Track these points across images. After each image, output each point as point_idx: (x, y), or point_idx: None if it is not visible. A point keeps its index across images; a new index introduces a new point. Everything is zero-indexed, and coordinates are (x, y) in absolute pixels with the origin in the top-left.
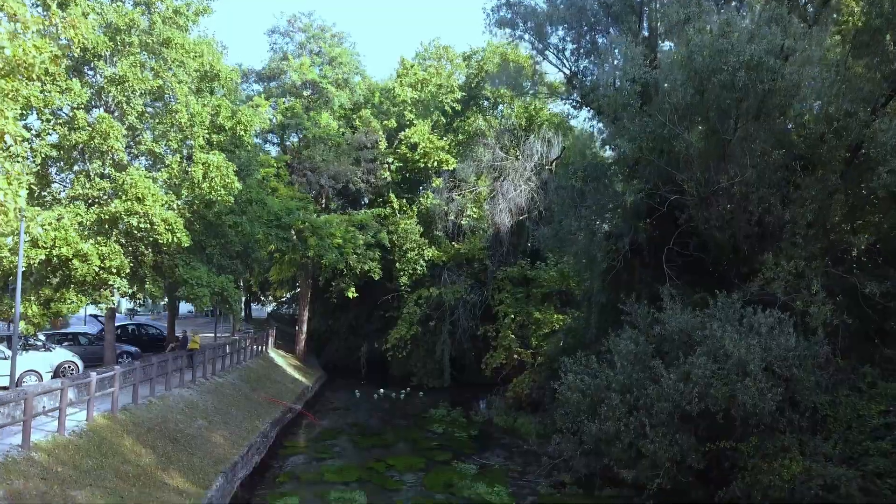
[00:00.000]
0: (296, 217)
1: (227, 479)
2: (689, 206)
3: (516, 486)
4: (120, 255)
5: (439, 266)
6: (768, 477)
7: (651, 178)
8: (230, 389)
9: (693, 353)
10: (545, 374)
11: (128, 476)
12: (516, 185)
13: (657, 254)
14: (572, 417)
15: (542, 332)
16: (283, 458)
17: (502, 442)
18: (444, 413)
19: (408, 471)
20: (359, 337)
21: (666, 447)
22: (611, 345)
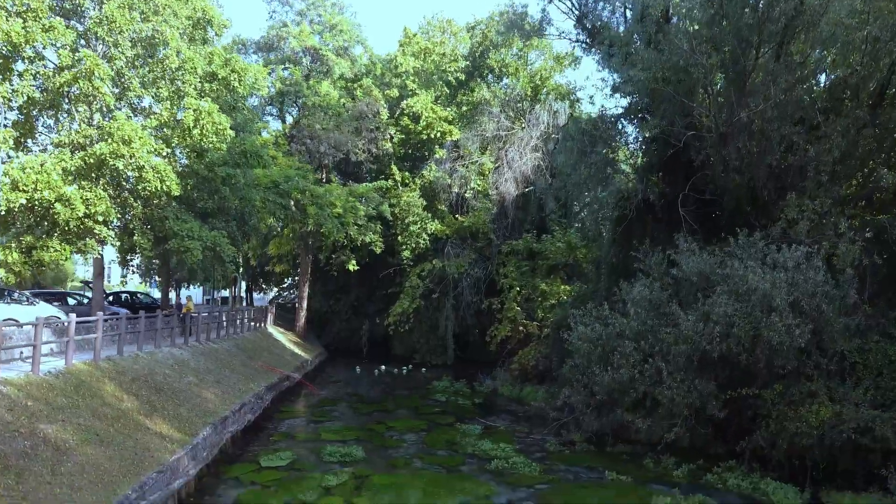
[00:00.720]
0: (294, 184)
1: (215, 430)
2: (705, 146)
3: (523, 444)
4: (105, 202)
5: (442, 240)
6: (795, 424)
7: (666, 114)
8: (224, 355)
9: (712, 294)
10: (552, 344)
11: (105, 416)
12: (522, 154)
13: (670, 209)
14: (583, 369)
15: (548, 304)
16: (278, 421)
17: (508, 409)
18: (447, 385)
19: (408, 432)
20: (360, 317)
21: (684, 393)
22: (623, 293)
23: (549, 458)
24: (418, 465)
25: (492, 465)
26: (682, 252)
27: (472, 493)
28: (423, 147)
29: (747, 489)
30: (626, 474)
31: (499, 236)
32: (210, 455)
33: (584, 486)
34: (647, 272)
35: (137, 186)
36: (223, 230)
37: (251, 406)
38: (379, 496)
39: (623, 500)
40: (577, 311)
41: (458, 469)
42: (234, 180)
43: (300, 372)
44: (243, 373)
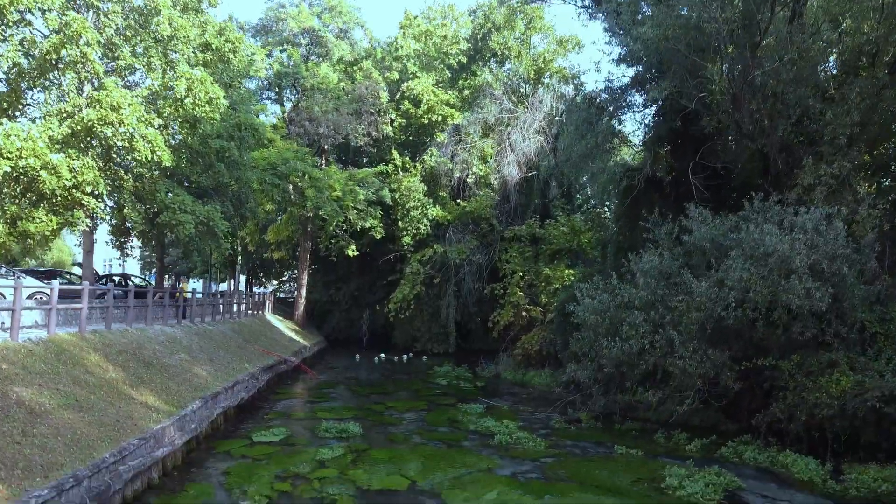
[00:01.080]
0: (292, 167)
1: (205, 404)
2: (716, 113)
3: (527, 421)
4: (94, 171)
5: (444, 226)
6: (814, 394)
7: (676, 75)
8: (219, 336)
9: (725, 262)
10: (557, 326)
11: (87, 384)
12: (525, 136)
13: (677, 184)
14: (589, 342)
15: (552, 288)
16: (274, 402)
17: (511, 391)
18: (448, 370)
19: (408, 411)
20: (360, 308)
21: (696, 364)
22: (631, 265)
23: (555, 435)
24: (418, 440)
25: (495, 440)
26: (693, 219)
27: (474, 466)
28: (424, 133)
29: (765, 462)
30: (636, 449)
31: (501, 222)
32: (200, 428)
33: (591, 459)
34: (656, 242)
35: (127, 157)
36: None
37: (245, 385)
38: (376, 468)
39: (634, 473)
40: (584, 285)
41: (459, 444)
42: (229, 154)
43: (298, 357)
44: (238, 354)
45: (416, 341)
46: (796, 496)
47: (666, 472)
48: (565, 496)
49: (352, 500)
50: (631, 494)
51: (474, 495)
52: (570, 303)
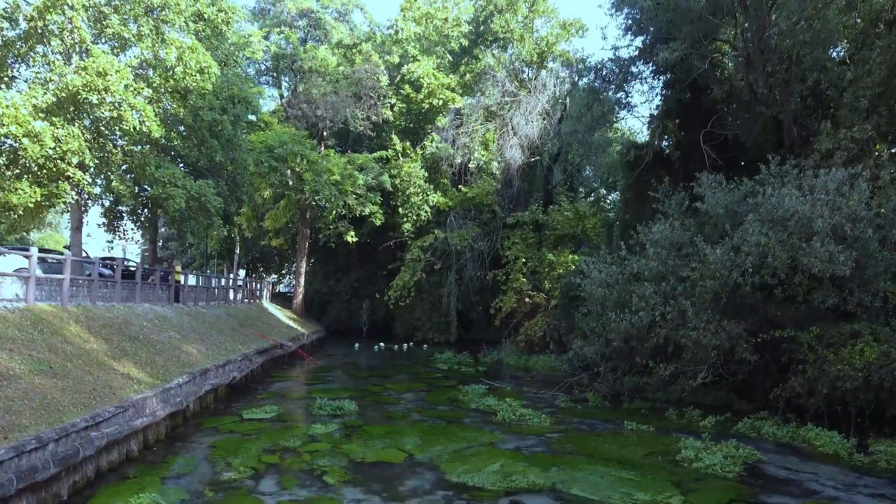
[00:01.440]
0: (289, 149)
1: (193, 380)
2: (728, 79)
3: (531, 401)
4: (79, 140)
5: (445, 213)
6: (836, 367)
7: (688, 36)
8: (213, 319)
9: (740, 230)
10: (562, 310)
11: (64, 352)
12: (528, 119)
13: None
14: (596, 316)
15: (556, 274)
16: (268, 384)
17: (514, 375)
18: (449, 356)
19: (408, 391)
20: (361, 299)
21: (711, 335)
22: (640, 236)
23: (560, 413)
24: (416, 417)
25: (497, 417)
26: (706, 185)
27: (475, 440)
28: (425, 119)
29: (784, 437)
30: (647, 425)
31: (503, 208)
32: (185, 403)
33: (599, 435)
34: (665, 214)
35: (115, 127)
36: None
37: (237, 365)
38: (371, 443)
39: (645, 447)
40: (591, 259)
41: (459, 421)
42: (221, 127)
43: (295, 344)
44: (231, 336)
45: (416, 331)
46: (821, 469)
47: (680, 445)
48: (574, 469)
49: (343, 471)
50: (644, 467)
51: (475, 467)
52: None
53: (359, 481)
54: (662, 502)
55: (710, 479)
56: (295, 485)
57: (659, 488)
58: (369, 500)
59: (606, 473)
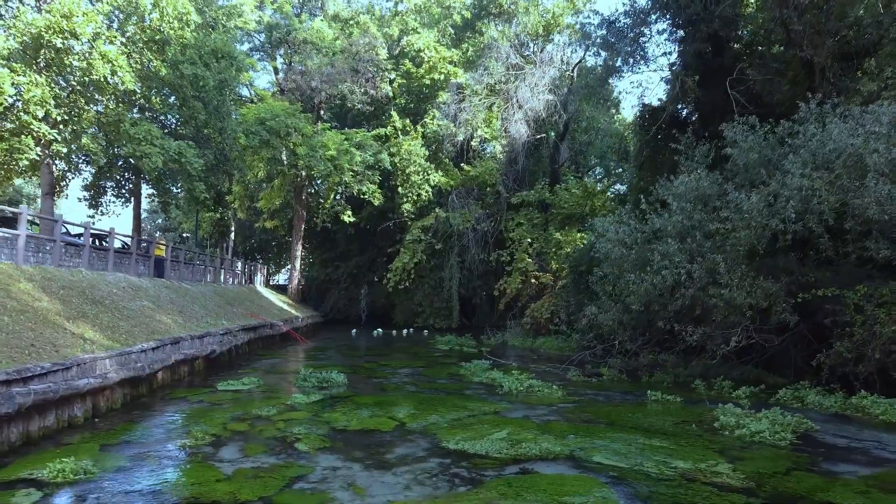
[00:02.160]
0: (282, 122)
1: (162, 348)
2: (755, 24)
3: (540, 375)
4: (42, 88)
5: (446, 194)
6: (890, 328)
7: None
8: (198, 295)
9: (778, 174)
10: (571, 287)
11: (4, 307)
12: (534, 92)
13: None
14: (613, 279)
15: (563, 253)
16: (254, 360)
17: (520, 355)
18: (451, 338)
19: (404, 368)
20: (360, 286)
21: (745, 292)
22: (661, 190)
23: (573, 386)
24: (412, 389)
25: (504, 388)
26: (737, 129)
27: (477, 409)
28: (425, 99)
29: (833, 407)
30: (674, 395)
31: (508, 188)
32: (150, 370)
33: (620, 405)
34: (691, 166)
35: (84, 77)
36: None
37: (218, 339)
38: (357, 412)
39: (675, 416)
40: (606, 219)
41: (461, 393)
42: (203, 83)
43: (288, 325)
44: (216, 312)
45: (417, 317)
46: (886, 438)
47: (718, 413)
48: (594, 436)
49: (321, 439)
50: (678, 434)
51: (478, 434)
52: (584, 261)
53: (338, 448)
54: (707, 470)
55: (759, 447)
56: (261, 452)
57: (699, 456)
58: (348, 467)
59: (633, 441)
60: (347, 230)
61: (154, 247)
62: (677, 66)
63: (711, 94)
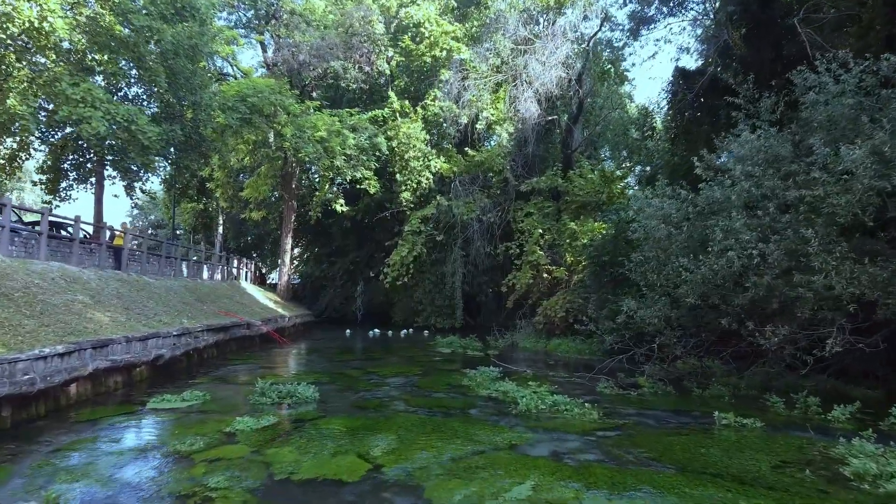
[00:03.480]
0: (265, 98)
1: (78, 354)
2: None
3: (563, 387)
4: None
5: (448, 181)
6: None
7: None
8: (161, 290)
9: None
10: (591, 280)
11: None
12: (546, 66)
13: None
14: (657, 266)
15: (578, 244)
16: (217, 366)
17: (533, 359)
18: (454, 339)
19: (396, 376)
20: (357, 284)
21: (846, 279)
22: (717, 153)
23: (608, 402)
24: (399, 407)
25: (520, 405)
26: (820, 70)
27: (485, 441)
28: (426, 79)
29: None
30: (751, 419)
31: (516, 175)
32: (46, 382)
33: (680, 433)
34: (752, 124)
35: (6, 25)
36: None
37: (170, 342)
38: (318, 445)
39: (769, 453)
40: (642, 192)
41: (463, 413)
42: (160, 37)
43: (270, 325)
44: (179, 310)
45: (417, 316)
46: None
47: (841, 450)
48: (666, 491)
49: (247, 497)
50: (792, 489)
51: (488, 489)
52: (606, 251)
53: None
54: None
55: None
56: None
57: None
58: None
59: (729, 501)
60: (343, 223)
61: (115, 236)
62: (718, 18)
63: (760, 53)
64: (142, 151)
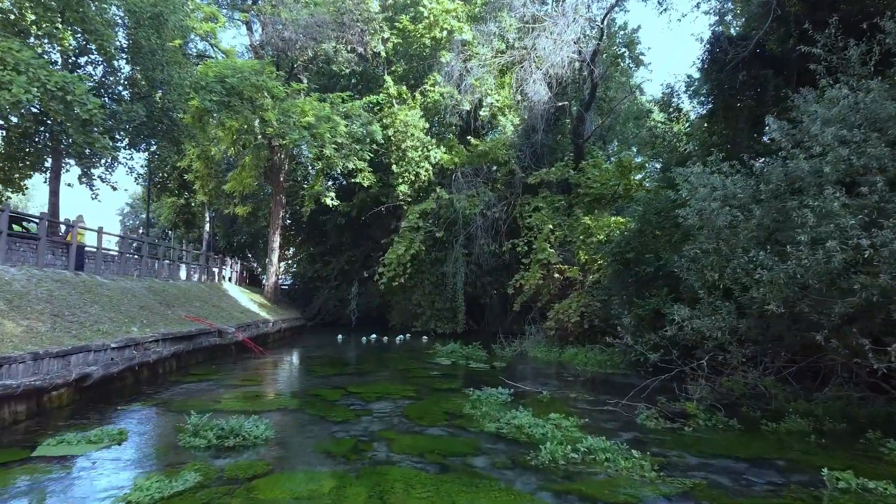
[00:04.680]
0: (245, 79)
1: None
2: None
3: (590, 416)
4: None
5: (449, 173)
6: None
7: None
8: (115, 292)
9: None
10: (613, 282)
11: None
12: (556, 46)
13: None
14: (717, 263)
15: (594, 241)
16: (167, 387)
17: (546, 373)
18: (455, 348)
19: (381, 400)
20: (352, 285)
21: None
22: (780, 125)
23: (653, 439)
24: (379, 454)
25: (542, 453)
26: None
27: None
28: (425, 63)
29: None
30: (874, 480)
31: (524, 166)
32: None
33: (778, 497)
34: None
35: None
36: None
37: (107, 357)
38: None
39: None
40: (686, 169)
41: (465, 463)
42: None
43: (248, 332)
44: (133, 315)
45: (415, 319)
46: None
47: None
48: None
49: None
50: None
51: None
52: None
53: None
54: None
55: None
56: None
57: None
58: None
59: None
60: (338, 220)
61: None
62: None
63: (814, 14)
64: (81, 127)
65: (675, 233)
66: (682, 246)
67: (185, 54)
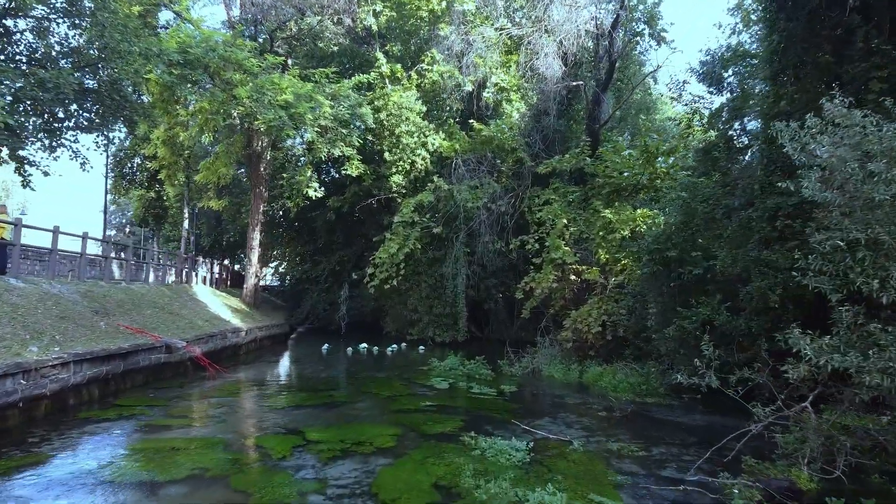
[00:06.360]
0: (211, 49)
1: None
2: None
3: (656, 500)
4: None
5: (449, 163)
6: None
7: None
8: (26, 300)
9: None
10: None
11: None
12: (571, 13)
13: None
14: (878, 264)
15: (616, 237)
16: (61, 430)
17: (565, 403)
18: (454, 364)
19: (346, 457)
20: (343, 287)
21: None
22: None
23: None
24: None
25: None
26: None
27: None
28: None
29: None
30: None
31: (533, 154)
32: None
33: None
34: None
35: None
36: None
37: None
38: None
39: None
40: (787, 125)
41: None
42: None
43: (207, 344)
44: (43, 329)
45: (412, 326)
46: None
47: None
48: None
49: None
50: None
51: None
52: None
53: None
54: None
55: None
56: None
57: None
58: None
59: None
60: (328, 216)
61: None
62: None
63: None
64: None
65: (728, 226)
66: (742, 241)
67: (148, 24)
